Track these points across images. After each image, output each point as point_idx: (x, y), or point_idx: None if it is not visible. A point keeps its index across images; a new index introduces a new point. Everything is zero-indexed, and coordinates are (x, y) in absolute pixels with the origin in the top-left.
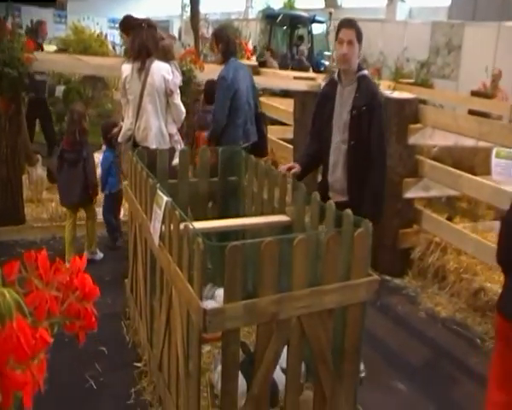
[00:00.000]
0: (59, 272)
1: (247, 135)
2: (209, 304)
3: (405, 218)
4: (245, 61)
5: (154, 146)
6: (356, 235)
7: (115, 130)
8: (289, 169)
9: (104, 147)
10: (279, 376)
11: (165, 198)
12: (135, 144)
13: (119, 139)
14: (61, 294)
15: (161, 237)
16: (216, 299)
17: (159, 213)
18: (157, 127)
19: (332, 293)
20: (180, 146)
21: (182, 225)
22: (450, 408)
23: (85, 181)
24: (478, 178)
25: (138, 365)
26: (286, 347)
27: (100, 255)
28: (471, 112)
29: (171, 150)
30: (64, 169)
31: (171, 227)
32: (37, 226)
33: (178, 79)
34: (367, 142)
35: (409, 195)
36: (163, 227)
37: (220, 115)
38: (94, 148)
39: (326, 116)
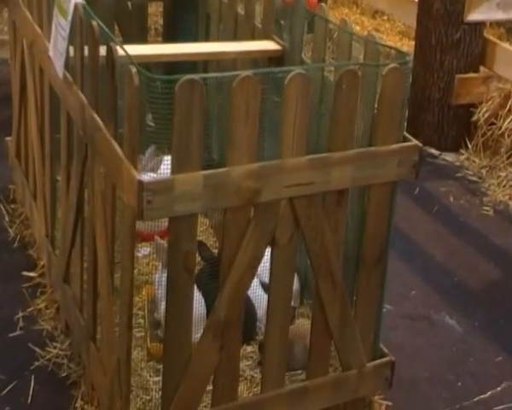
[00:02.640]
0: None
1: None
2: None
3: (467, 55)
4: None
5: None
6: (386, 72)
7: None
8: None
9: None
10: (258, 295)
11: None
12: None
13: None
14: None
15: (68, 66)
16: (161, 171)
17: (63, 25)
18: None
19: (344, 165)
20: None
21: (103, 47)
22: None
23: None
24: None
25: (30, 274)
26: (269, 248)
27: None
28: None
29: None
30: None
31: (86, 50)
32: None
33: None
34: None
35: (475, 16)
36: (70, 49)
37: None
38: None
39: None
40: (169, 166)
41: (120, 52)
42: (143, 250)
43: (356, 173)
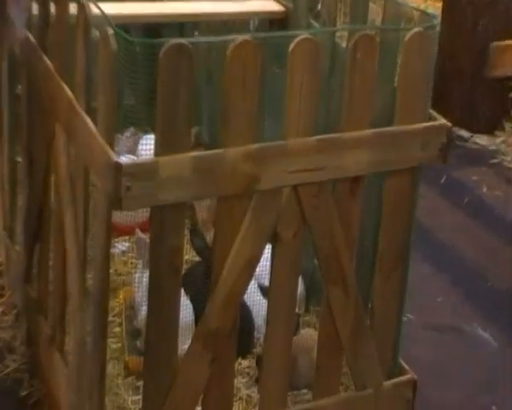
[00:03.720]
0: None
1: None
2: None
3: (505, 17)
4: None
5: None
6: (408, 38)
7: None
8: None
9: None
10: (256, 300)
11: None
12: None
13: None
14: None
15: (30, 26)
16: (139, 152)
17: None
18: None
19: (358, 147)
20: None
21: (73, 5)
22: None
23: None
24: None
25: None
26: (269, 246)
27: None
28: None
29: None
30: None
31: (54, 7)
32: None
33: None
34: None
35: None
36: (35, 6)
37: None
38: None
39: None
40: (150, 147)
41: (94, 11)
42: (121, 246)
43: (372, 157)
